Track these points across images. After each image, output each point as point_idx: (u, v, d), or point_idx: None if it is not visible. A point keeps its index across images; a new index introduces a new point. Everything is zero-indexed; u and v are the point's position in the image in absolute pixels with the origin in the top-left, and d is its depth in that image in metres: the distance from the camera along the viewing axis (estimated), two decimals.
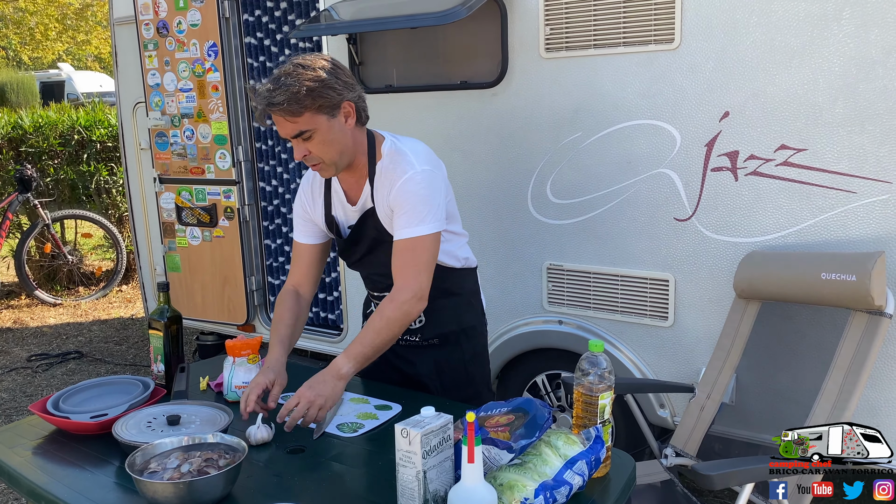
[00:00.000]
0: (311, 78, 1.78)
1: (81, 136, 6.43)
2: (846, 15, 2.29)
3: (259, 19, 3.68)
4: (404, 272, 1.90)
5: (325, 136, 1.84)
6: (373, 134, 1.99)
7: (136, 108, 4.14)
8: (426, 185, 1.90)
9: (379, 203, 1.96)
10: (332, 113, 1.83)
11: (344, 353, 1.86)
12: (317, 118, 1.81)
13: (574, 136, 2.81)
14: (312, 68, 1.80)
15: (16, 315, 5.87)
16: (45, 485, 1.63)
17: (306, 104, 1.78)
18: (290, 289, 2.12)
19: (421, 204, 1.88)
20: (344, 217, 2.07)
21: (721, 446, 2.73)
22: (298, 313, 2.08)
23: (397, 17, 2.91)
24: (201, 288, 3.97)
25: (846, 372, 2.23)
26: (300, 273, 2.14)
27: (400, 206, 1.90)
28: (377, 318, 1.88)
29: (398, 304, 1.87)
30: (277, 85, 1.78)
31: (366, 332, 1.87)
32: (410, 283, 1.88)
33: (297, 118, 1.80)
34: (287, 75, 1.79)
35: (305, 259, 2.13)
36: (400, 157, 1.93)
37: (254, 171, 3.84)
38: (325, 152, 1.86)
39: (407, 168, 1.90)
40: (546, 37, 2.78)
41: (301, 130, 1.82)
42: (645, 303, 2.79)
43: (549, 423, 1.55)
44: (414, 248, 1.89)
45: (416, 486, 1.40)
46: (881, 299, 2.22)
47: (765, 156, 2.48)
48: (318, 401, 1.77)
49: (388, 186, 1.92)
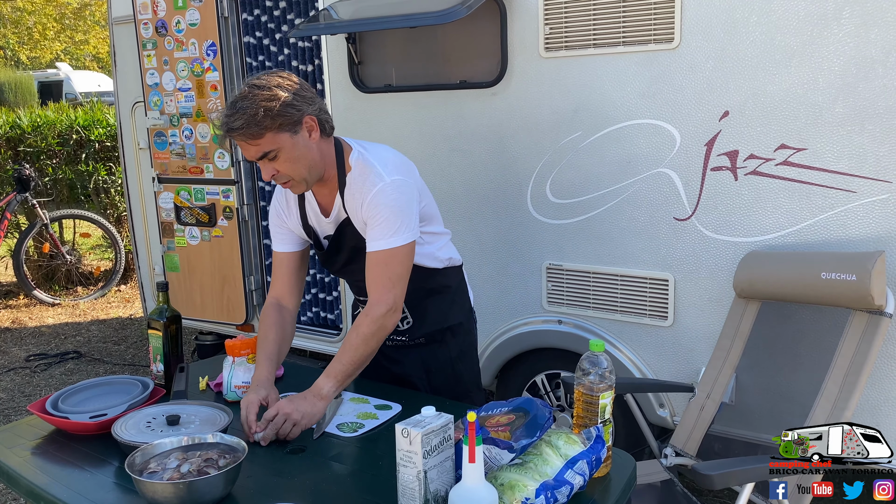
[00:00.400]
0: (267, 97, 1.76)
1: (80, 136, 6.43)
2: (846, 14, 2.29)
3: (258, 18, 3.67)
4: (377, 285, 1.89)
5: (291, 154, 1.82)
6: (341, 144, 1.97)
7: (134, 108, 4.13)
8: (396, 197, 1.88)
9: (353, 215, 1.95)
10: (294, 129, 1.82)
11: (324, 374, 1.85)
12: (279, 137, 1.79)
13: (574, 135, 2.80)
14: (268, 87, 1.78)
15: (14, 315, 5.86)
16: (45, 485, 1.63)
17: (265, 125, 1.76)
18: (272, 302, 2.08)
19: (392, 216, 1.87)
20: (319, 227, 2.06)
21: (721, 446, 2.73)
22: (284, 327, 2.04)
23: (396, 17, 2.91)
24: (200, 288, 3.96)
25: (846, 371, 2.23)
26: (281, 283, 2.10)
27: (372, 218, 1.89)
28: (353, 335, 1.87)
29: (372, 318, 1.86)
30: (234, 110, 1.76)
31: (344, 351, 1.86)
32: (384, 297, 1.88)
33: (258, 140, 1.78)
34: (243, 98, 1.77)
35: (285, 268, 2.10)
36: (368, 170, 1.91)
37: (252, 170, 3.83)
38: (293, 170, 1.85)
39: (376, 180, 1.88)
40: (545, 36, 2.78)
41: (265, 152, 1.80)
42: (644, 302, 2.79)
43: (550, 422, 1.55)
44: (387, 261, 1.89)
45: (416, 486, 1.40)
46: (881, 299, 2.22)
47: (764, 155, 2.48)
48: (295, 415, 1.76)
49: (360, 200, 1.91)
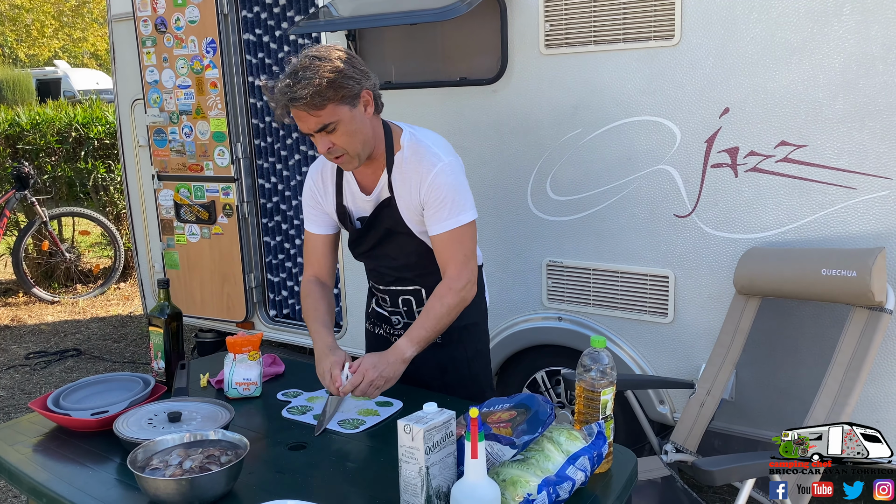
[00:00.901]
0: (329, 69, 1.77)
1: (79, 134, 6.42)
2: (846, 11, 2.29)
3: (258, 16, 3.67)
4: (455, 262, 1.95)
5: (349, 127, 1.83)
6: (388, 124, 1.99)
7: (134, 105, 4.13)
8: (456, 176, 1.94)
9: (402, 195, 1.95)
10: (353, 103, 1.83)
11: (407, 338, 1.90)
12: (339, 109, 1.80)
13: (574, 132, 2.80)
14: (329, 59, 1.79)
15: (13, 313, 5.86)
16: (46, 482, 1.63)
17: (328, 96, 1.77)
18: (311, 279, 2.12)
19: (456, 194, 1.92)
20: (355, 207, 2.05)
21: (721, 442, 2.74)
22: (328, 298, 2.09)
23: (397, 14, 2.91)
24: (200, 285, 3.96)
25: (846, 368, 2.23)
26: (318, 264, 2.13)
27: (435, 199, 1.91)
28: (438, 304, 1.92)
29: (456, 291, 1.93)
30: (297, 80, 1.75)
31: (427, 318, 1.92)
32: (463, 272, 1.94)
33: (320, 111, 1.78)
34: (304, 69, 1.76)
35: (320, 249, 2.13)
36: (424, 150, 1.94)
37: (252, 167, 3.83)
38: (348, 143, 1.85)
39: (435, 161, 1.91)
40: (546, 33, 2.78)
41: (325, 124, 1.80)
42: (645, 299, 2.79)
43: (552, 418, 1.55)
44: (460, 238, 1.94)
45: (418, 482, 1.40)
46: (881, 295, 2.22)
47: (765, 152, 2.48)
48: (378, 381, 1.83)
49: (416, 180, 1.92)
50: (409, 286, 2.10)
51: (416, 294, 2.10)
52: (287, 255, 3.90)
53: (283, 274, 3.93)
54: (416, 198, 1.93)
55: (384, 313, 2.20)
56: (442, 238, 1.94)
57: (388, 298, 2.16)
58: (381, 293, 2.18)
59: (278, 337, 3.90)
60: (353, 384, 1.82)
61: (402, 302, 2.13)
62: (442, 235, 1.94)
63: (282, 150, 3.77)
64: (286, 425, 1.88)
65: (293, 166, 3.75)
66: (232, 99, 3.68)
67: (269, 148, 3.80)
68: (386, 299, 2.16)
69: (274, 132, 3.77)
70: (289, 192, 3.80)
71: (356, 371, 1.83)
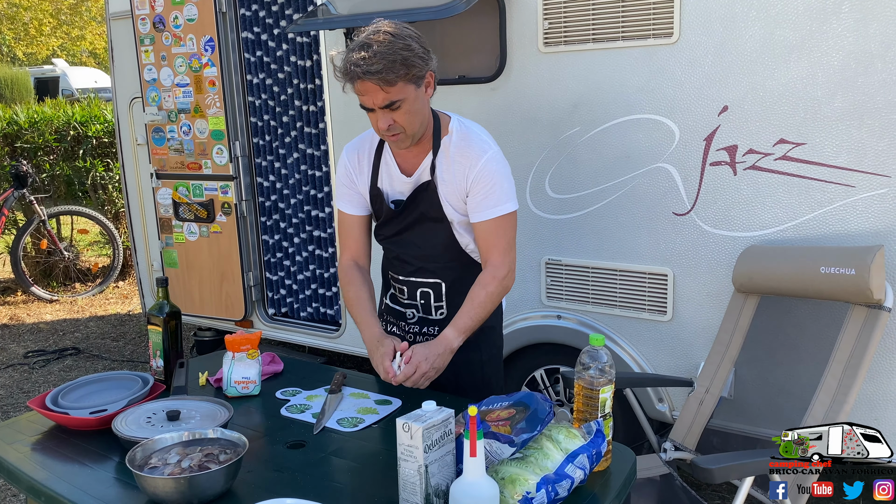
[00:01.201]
0: (402, 46, 1.77)
1: (77, 132, 6.41)
2: (845, 9, 2.29)
3: (256, 14, 3.66)
4: (499, 249, 1.96)
5: (412, 106, 1.84)
6: (435, 111, 2.00)
7: (132, 104, 4.12)
8: (504, 165, 1.96)
9: (446, 180, 1.96)
10: (419, 83, 1.84)
11: (453, 327, 1.92)
12: (407, 88, 1.81)
13: (573, 130, 2.80)
14: (402, 37, 1.79)
15: (12, 311, 5.85)
16: (45, 480, 1.62)
17: (401, 73, 1.77)
18: (350, 263, 2.11)
19: (504, 182, 1.94)
20: (391, 189, 2.05)
21: (720, 440, 2.74)
22: (369, 284, 2.09)
23: (395, 11, 2.90)
24: (199, 284, 3.96)
25: (845, 366, 2.23)
26: (355, 245, 2.12)
27: (483, 185, 1.92)
28: (482, 292, 1.94)
29: (499, 280, 1.96)
30: (371, 53, 1.75)
31: (472, 307, 1.94)
32: (505, 259, 1.97)
33: (390, 87, 1.79)
34: (379, 43, 1.76)
35: (356, 230, 2.12)
36: (472, 137, 1.96)
37: (251, 166, 3.83)
38: (409, 122, 1.86)
39: (485, 147, 1.93)
40: (545, 31, 2.78)
41: (392, 100, 1.81)
42: (644, 297, 2.79)
43: (551, 417, 1.55)
44: (505, 226, 1.96)
45: (417, 480, 1.40)
46: (880, 293, 2.22)
47: (764, 150, 2.48)
48: (431, 373, 1.87)
49: (464, 166, 1.93)
50: (430, 278, 2.09)
51: (436, 288, 2.09)
52: (286, 254, 3.90)
53: (281, 272, 3.93)
54: (462, 183, 1.94)
55: (398, 308, 2.19)
56: (486, 225, 1.95)
57: (405, 290, 2.14)
58: (398, 283, 2.16)
59: (277, 335, 3.90)
60: (406, 375, 1.84)
61: (421, 294, 2.11)
62: (487, 223, 1.95)
63: (280, 148, 3.77)
64: (285, 423, 1.88)
65: (292, 164, 3.75)
66: (230, 97, 3.68)
67: (268, 146, 3.80)
68: (403, 290, 2.14)
69: (272, 130, 3.77)
70: (287, 190, 3.80)
71: (409, 362, 1.85)
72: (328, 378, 2.15)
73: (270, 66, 3.68)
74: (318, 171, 3.67)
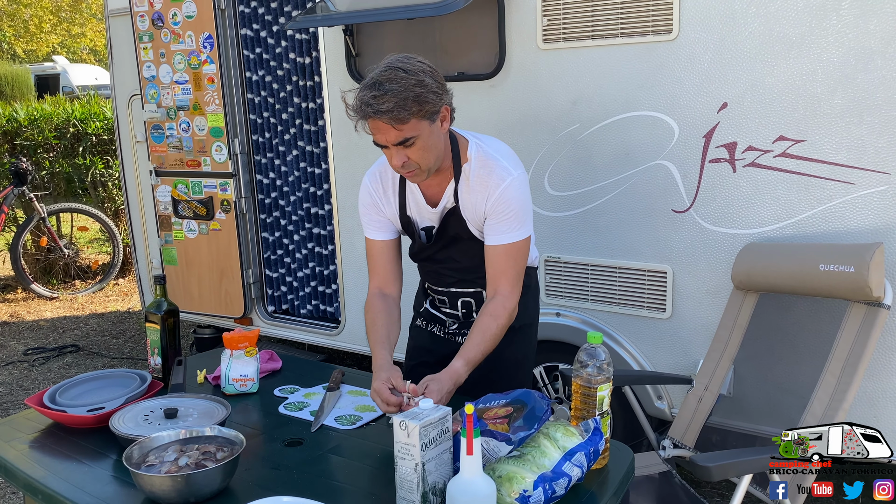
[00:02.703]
0: (415, 83, 1.73)
1: (77, 129, 6.41)
2: (845, 5, 2.28)
3: (255, 11, 3.66)
4: (508, 277, 1.92)
5: (427, 142, 1.79)
6: (454, 134, 1.95)
7: (131, 101, 4.11)
8: (523, 191, 1.92)
9: (467, 207, 1.94)
10: (433, 118, 1.79)
11: (463, 359, 1.83)
12: (420, 124, 1.76)
13: (572, 127, 2.80)
14: (414, 73, 1.75)
15: (12, 309, 5.85)
16: (42, 478, 1.63)
17: (413, 110, 1.73)
18: (374, 292, 2.05)
19: (521, 209, 1.91)
20: (419, 217, 2.02)
21: (718, 438, 2.74)
22: (389, 313, 2.00)
23: (394, 8, 2.90)
24: (198, 281, 3.96)
25: (844, 363, 2.23)
26: (383, 272, 2.06)
27: (501, 212, 1.89)
28: (494, 324, 1.88)
29: (510, 312, 1.92)
30: (382, 91, 1.71)
31: (483, 339, 1.87)
32: (515, 289, 1.93)
33: (402, 125, 1.74)
34: (390, 81, 1.72)
35: (385, 256, 2.06)
36: (493, 163, 1.91)
37: (250, 163, 3.82)
38: (423, 158, 1.81)
39: (504, 175, 1.89)
40: (544, 28, 2.77)
41: (406, 137, 1.76)
42: (643, 295, 2.78)
43: (548, 415, 1.55)
44: (515, 254, 1.92)
45: (414, 478, 1.40)
46: (879, 290, 2.22)
47: (763, 147, 2.47)
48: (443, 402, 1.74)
49: (483, 193, 1.89)
50: (470, 288, 2.08)
51: (477, 296, 2.09)
52: (286, 251, 3.90)
53: (281, 269, 3.92)
54: (480, 209, 1.92)
55: (439, 315, 2.18)
56: (497, 250, 1.92)
57: (446, 300, 2.13)
58: (439, 295, 2.15)
59: (277, 333, 3.90)
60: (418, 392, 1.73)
61: (462, 304, 2.11)
62: (498, 248, 1.92)
63: (280, 145, 3.77)
64: (283, 421, 1.88)
65: (291, 162, 3.75)
66: (229, 94, 3.67)
67: (267, 143, 3.79)
68: (445, 301, 2.14)
69: (271, 127, 3.76)
70: (287, 187, 3.79)
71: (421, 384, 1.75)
72: (326, 375, 2.15)
73: (269, 63, 3.68)
74: (318, 168, 3.67)
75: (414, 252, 2.09)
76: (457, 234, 1.99)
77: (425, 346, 2.19)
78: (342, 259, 3.52)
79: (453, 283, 2.09)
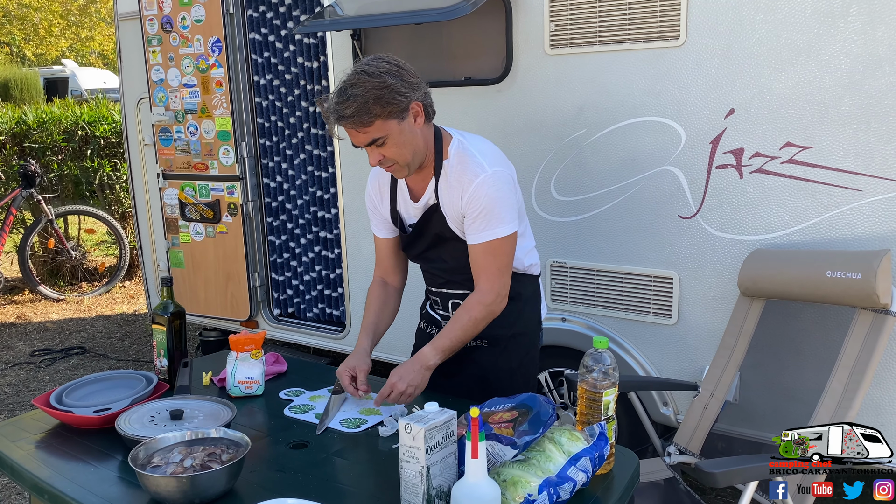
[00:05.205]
0: (376, 85, 1.76)
1: (85, 132, 6.44)
2: (853, 12, 2.28)
3: (263, 15, 3.67)
4: (487, 274, 1.95)
5: (398, 140, 1.84)
6: (440, 131, 1.98)
7: (139, 104, 4.14)
8: (498, 187, 1.91)
9: (446, 203, 1.96)
10: (402, 116, 1.82)
11: (431, 346, 1.93)
12: (387, 124, 1.80)
13: (578, 132, 2.80)
14: (377, 74, 1.78)
15: (19, 310, 5.88)
16: (48, 478, 1.63)
17: (375, 112, 1.77)
18: (377, 280, 2.18)
19: (496, 206, 1.90)
20: (406, 213, 2.07)
21: (724, 445, 2.73)
22: (385, 301, 2.14)
23: (402, 13, 2.91)
24: (204, 284, 3.97)
25: (851, 370, 2.22)
26: (385, 265, 2.19)
27: (475, 209, 1.90)
28: (466, 316, 1.94)
29: (484, 304, 1.94)
30: (344, 97, 1.76)
31: (453, 328, 1.94)
32: (494, 285, 1.94)
33: (367, 128, 1.79)
34: (352, 86, 1.77)
35: (386, 252, 2.17)
36: (468, 159, 1.92)
37: (257, 167, 3.83)
38: (398, 155, 1.86)
39: (478, 171, 1.90)
40: (551, 33, 2.77)
41: (374, 138, 1.82)
42: (649, 300, 2.78)
43: (553, 419, 1.55)
44: (494, 251, 1.93)
45: (419, 481, 1.40)
46: (887, 297, 2.21)
47: (770, 153, 2.47)
48: (409, 390, 1.86)
49: (459, 190, 1.92)
50: (459, 289, 2.10)
51: (465, 297, 2.09)
52: (292, 254, 3.90)
53: (287, 273, 3.93)
54: (457, 207, 1.94)
55: (436, 316, 2.21)
56: (477, 249, 1.94)
57: (440, 301, 2.17)
58: (433, 295, 2.20)
59: (282, 336, 3.90)
60: (383, 396, 1.87)
61: (453, 305, 2.13)
62: (477, 246, 1.94)
63: (287, 149, 3.78)
64: (288, 424, 1.88)
65: (298, 165, 3.76)
66: (237, 98, 3.69)
67: (275, 147, 3.81)
68: (438, 302, 2.17)
69: (279, 131, 3.78)
70: (294, 191, 3.80)
71: (387, 384, 1.88)
72: (331, 379, 2.15)
73: (277, 68, 3.69)
74: (325, 172, 3.68)
75: (404, 249, 2.15)
76: (440, 231, 2.01)
77: None
78: (348, 262, 3.53)
79: (443, 283, 2.12)
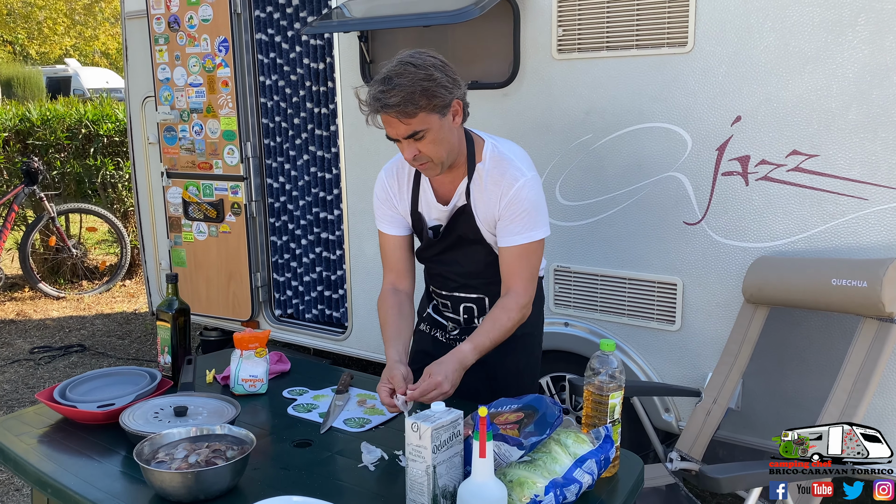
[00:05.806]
0: (423, 77, 1.75)
1: (89, 130, 6.44)
2: (861, 21, 2.29)
3: (270, 15, 3.68)
4: (521, 277, 1.93)
5: (437, 136, 1.81)
6: (469, 133, 1.97)
7: (144, 103, 4.14)
8: (537, 191, 1.92)
9: (479, 206, 1.94)
10: (444, 112, 1.81)
11: (471, 343, 1.85)
12: (430, 118, 1.78)
13: (585, 137, 2.80)
14: (424, 67, 1.77)
15: (19, 307, 5.87)
16: (52, 473, 1.63)
17: (421, 104, 1.75)
18: (387, 288, 2.07)
19: (534, 210, 1.91)
20: (429, 214, 2.03)
21: (726, 452, 2.72)
22: (400, 308, 2.02)
23: (409, 16, 2.91)
24: (206, 283, 3.97)
25: (855, 379, 2.22)
26: (396, 269, 2.09)
27: (513, 213, 1.89)
28: (505, 316, 1.90)
29: (521, 308, 1.92)
30: (390, 86, 1.74)
31: (493, 328, 1.89)
32: (528, 288, 1.94)
33: (411, 119, 1.76)
34: (399, 75, 1.75)
35: (398, 251, 2.08)
36: (507, 163, 1.92)
37: (262, 167, 3.84)
38: (435, 152, 1.83)
39: (518, 175, 1.90)
40: (559, 38, 2.78)
41: (414, 131, 1.78)
42: (652, 306, 2.78)
43: (560, 420, 1.55)
44: (529, 254, 1.93)
45: (425, 480, 1.40)
46: (892, 306, 2.21)
47: (776, 161, 2.47)
48: (451, 391, 1.77)
49: (497, 193, 1.90)
50: (474, 294, 2.08)
51: (479, 302, 2.09)
52: (293, 255, 3.90)
53: (288, 273, 3.93)
54: (493, 210, 1.92)
55: (440, 319, 2.19)
56: (511, 251, 1.93)
57: (449, 304, 2.14)
58: (441, 299, 2.15)
59: (283, 336, 3.90)
60: (424, 392, 1.73)
61: (464, 309, 2.11)
62: (512, 248, 1.92)
63: (291, 150, 3.78)
64: (291, 422, 1.88)
65: (301, 166, 3.76)
66: (243, 98, 3.69)
67: (279, 147, 3.81)
68: (447, 305, 2.14)
69: (283, 132, 3.78)
70: (297, 191, 3.80)
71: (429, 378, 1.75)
72: (335, 378, 2.15)
73: (283, 68, 3.69)
74: (328, 173, 3.68)
75: (420, 251, 2.11)
76: (464, 234, 1.99)
77: (427, 351, 2.19)
78: (351, 264, 3.53)
79: (457, 287, 2.10)
